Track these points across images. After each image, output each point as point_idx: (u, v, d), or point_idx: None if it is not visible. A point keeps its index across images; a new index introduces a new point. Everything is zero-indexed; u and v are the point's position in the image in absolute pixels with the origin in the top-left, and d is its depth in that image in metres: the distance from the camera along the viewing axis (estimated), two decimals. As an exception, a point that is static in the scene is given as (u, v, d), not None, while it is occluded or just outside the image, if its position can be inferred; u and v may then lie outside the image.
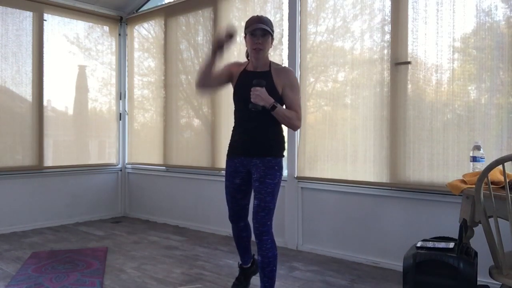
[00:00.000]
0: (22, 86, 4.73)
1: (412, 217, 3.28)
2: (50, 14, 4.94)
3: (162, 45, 5.17)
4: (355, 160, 3.59)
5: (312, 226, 3.86)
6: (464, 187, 2.26)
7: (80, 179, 5.22)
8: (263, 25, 2.49)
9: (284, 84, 2.54)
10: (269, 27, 2.52)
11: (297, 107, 2.55)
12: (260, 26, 2.48)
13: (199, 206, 4.77)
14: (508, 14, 2.89)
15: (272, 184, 2.52)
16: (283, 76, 2.55)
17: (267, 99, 2.43)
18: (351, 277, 3.17)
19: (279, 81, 2.53)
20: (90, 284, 2.99)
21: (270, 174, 2.52)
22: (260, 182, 2.51)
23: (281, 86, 2.53)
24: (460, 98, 3.08)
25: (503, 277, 1.93)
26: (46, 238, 4.36)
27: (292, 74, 2.62)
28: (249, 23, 2.54)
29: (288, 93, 2.54)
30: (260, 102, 2.43)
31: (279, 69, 2.61)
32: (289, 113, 2.51)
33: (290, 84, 2.55)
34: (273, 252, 2.50)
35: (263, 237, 2.47)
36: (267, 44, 2.54)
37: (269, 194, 2.50)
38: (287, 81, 2.54)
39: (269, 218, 2.50)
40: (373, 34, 3.50)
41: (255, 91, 2.42)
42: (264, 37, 2.51)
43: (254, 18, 2.56)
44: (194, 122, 4.95)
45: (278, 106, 2.44)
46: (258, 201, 2.50)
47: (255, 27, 2.48)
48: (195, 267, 3.42)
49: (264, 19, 2.54)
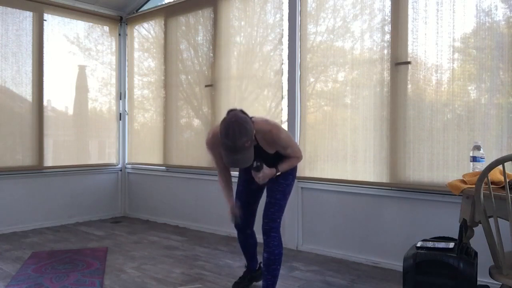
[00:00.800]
0: (22, 86, 4.73)
1: (412, 217, 3.28)
2: (50, 14, 4.94)
3: (162, 45, 5.17)
4: (355, 160, 3.59)
5: (312, 226, 3.86)
6: (464, 187, 2.26)
7: (80, 179, 5.22)
8: (240, 158, 2.26)
9: (276, 148, 2.52)
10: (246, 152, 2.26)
11: (293, 153, 2.57)
12: (237, 160, 2.27)
13: (199, 206, 4.77)
14: (508, 14, 2.89)
15: (284, 184, 2.60)
16: (272, 143, 2.48)
17: (271, 175, 2.51)
18: (351, 277, 3.17)
19: (271, 148, 2.52)
20: (90, 284, 2.99)
21: (283, 175, 2.60)
22: (273, 182, 2.59)
23: (274, 149, 2.53)
24: (460, 98, 3.08)
25: (503, 277, 1.93)
26: (46, 238, 4.36)
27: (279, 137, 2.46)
28: (224, 152, 2.27)
29: (283, 152, 2.54)
30: (266, 180, 2.52)
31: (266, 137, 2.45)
32: (290, 164, 2.57)
33: (283, 146, 2.51)
34: (279, 250, 2.54)
35: (272, 233, 2.53)
36: (249, 153, 2.30)
37: (280, 192, 2.58)
38: (279, 146, 2.50)
39: (278, 215, 2.57)
40: (373, 34, 3.50)
41: (258, 177, 2.48)
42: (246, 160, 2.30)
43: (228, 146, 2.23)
44: (194, 122, 4.95)
45: (280, 170, 2.53)
46: (269, 198, 2.59)
47: (231, 161, 2.29)
48: (195, 267, 3.42)
49: (238, 145, 2.21)
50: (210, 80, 4.66)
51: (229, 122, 2.25)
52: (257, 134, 2.43)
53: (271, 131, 2.46)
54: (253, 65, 4.32)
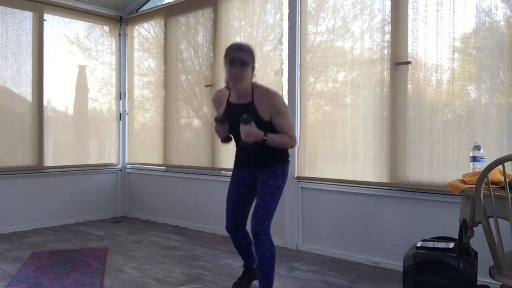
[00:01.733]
0: (22, 86, 4.73)
1: (412, 217, 3.28)
2: (50, 14, 4.94)
3: (162, 45, 5.17)
4: (355, 160, 3.59)
5: (312, 226, 3.86)
6: (464, 187, 2.26)
7: (80, 179, 5.22)
8: (242, 55, 2.40)
9: (270, 112, 2.46)
10: (249, 55, 2.44)
11: (288, 130, 2.50)
12: (239, 55, 2.40)
13: (199, 206, 4.77)
14: (508, 14, 2.89)
15: (274, 186, 2.54)
16: (267, 104, 2.46)
17: (257, 135, 2.41)
18: (351, 277, 3.17)
19: (265, 110, 2.46)
20: (90, 284, 2.99)
21: (273, 177, 2.55)
22: (263, 183, 2.55)
23: (268, 114, 2.47)
24: (460, 98, 3.08)
25: (503, 277, 1.93)
26: (46, 238, 4.36)
27: (276, 100, 2.49)
28: (228, 51, 2.46)
29: (276, 120, 2.47)
30: (250, 139, 2.41)
31: (263, 96, 2.48)
32: (281, 139, 2.48)
33: (277, 111, 2.46)
34: (271, 253, 2.50)
35: (261, 237, 2.48)
36: (246, 74, 2.44)
37: (269, 194, 2.52)
38: (273, 109, 2.46)
39: (267, 218, 2.51)
40: (373, 34, 3.50)
41: (244, 130, 2.39)
42: (243, 66, 2.42)
43: (234, 46, 2.48)
44: (194, 122, 4.96)
45: (268, 137, 2.43)
46: (258, 200, 2.54)
47: (233, 56, 2.41)
48: (195, 267, 3.42)
49: (244, 47, 2.45)
50: (210, 80, 4.66)
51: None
52: (256, 90, 2.50)
53: (268, 90, 2.53)
54: (253, 65, 4.31)
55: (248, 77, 2.47)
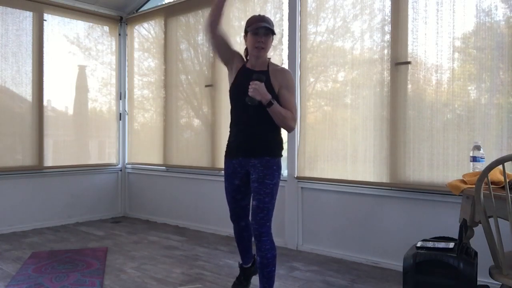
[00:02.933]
0: (22, 86, 4.73)
1: (412, 217, 3.28)
2: (50, 14, 4.94)
3: (162, 45, 5.17)
4: (355, 160, 3.59)
5: (312, 226, 3.86)
6: (464, 187, 2.26)
7: (80, 179, 5.22)
8: (267, 24, 2.49)
9: (280, 84, 2.52)
10: (272, 27, 2.52)
11: (292, 108, 2.52)
12: (264, 24, 2.48)
13: (199, 206, 4.77)
14: (508, 14, 2.89)
15: (271, 185, 2.51)
16: (280, 77, 2.54)
17: (265, 94, 2.40)
18: (351, 277, 3.17)
19: (276, 81, 2.52)
20: (90, 284, 2.99)
21: (269, 175, 2.50)
22: (259, 182, 2.50)
23: (278, 86, 2.52)
24: (460, 98, 3.08)
25: (503, 277, 1.93)
26: (46, 238, 4.36)
27: (289, 75, 2.59)
28: (252, 22, 2.53)
29: (284, 94, 2.52)
30: (257, 96, 2.40)
31: (277, 69, 2.59)
32: (284, 112, 2.47)
33: (287, 85, 2.53)
34: (272, 253, 2.49)
35: (262, 238, 2.47)
36: (269, 44, 2.54)
37: (268, 194, 2.49)
38: (284, 82, 2.53)
39: (268, 219, 2.50)
40: (373, 34, 3.50)
41: (254, 84, 2.40)
42: (266, 36, 2.51)
43: (256, 17, 2.55)
44: (194, 122, 4.96)
45: (274, 103, 2.43)
46: (257, 202, 2.49)
47: (258, 25, 2.48)
48: (195, 267, 3.42)
49: (266, 18, 2.54)
50: (210, 80, 4.66)
51: None
52: (271, 64, 2.60)
53: (283, 68, 2.69)
54: (253, 65, 4.31)
55: (270, 47, 2.58)
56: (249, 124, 2.55)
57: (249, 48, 2.56)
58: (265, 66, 2.58)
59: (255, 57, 2.55)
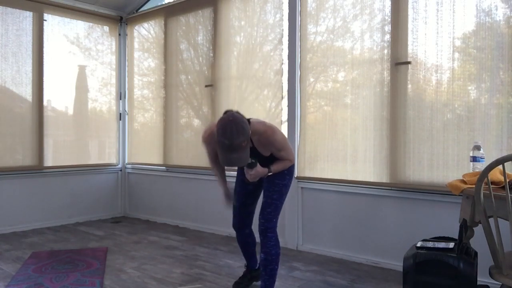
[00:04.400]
0: (22, 86, 4.73)
1: (412, 217, 3.28)
2: (50, 14, 4.94)
3: (162, 45, 5.17)
4: (355, 160, 3.59)
5: (312, 226, 3.86)
6: (464, 187, 2.26)
7: (80, 179, 5.22)
8: (235, 156, 2.22)
9: (271, 150, 2.53)
10: (241, 150, 2.22)
11: (288, 156, 2.57)
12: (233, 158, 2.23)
13: (199, 206, 4.77)
14: (508, 14, 2.89)
15: (280, 184, 2.60)
16: (268, 145, 2.51)
17: (262, 173, 2.48)
18: (351, 277, 3.17)
19: (266, 150, 2.54)
20: (90, 284, 2.99)
21: (279, 175, 2.60)
22: (269, 182, 2.60)
23: (269, 152, 2.54)
24: (460, 98, 3.08)
25: (503, 277, 1.93)
26: (46, 238, 4.36)
27: (275, 140, 2.47)
28: (219, 147, 2.23)
29: (277, 154, 2.55)
30: (257, 179, 2.50)
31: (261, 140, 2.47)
32: (282, 166, 2.56)
33: (276, 148, 2.52)
34: (276, 250, 2.53)
35: (268, 234, 2.52)
36: (246, 154, 2.28)
37: (276, 192, 2.58)
38: (273, 148, 2.52)
39: (275, 215, 2.57)
40: (373, 34, 3.50)
41: (250, 175, 2.45)
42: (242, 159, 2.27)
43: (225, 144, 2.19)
44: (194, 122, 4.95)
45: (272, 170, 2.51)
46: (265, 198, 2.59)
47: (226, 163, 2.27)
48: (195, 267, 3.42)
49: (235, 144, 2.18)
50: (210, 80, 4.66)
51: (227, 121, 2.23)
52: (253, 136, 2.42)
53: (266, 132, 2.46)
54: (253, 65, 4.32)
55: (247, 148, 2.28)
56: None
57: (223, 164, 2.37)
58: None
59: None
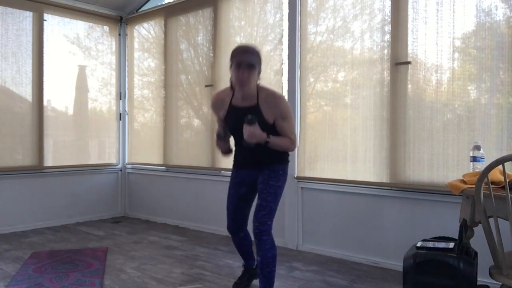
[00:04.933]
0: (22, 86, 4.73)
1: (412, 217, 3.28)
2: (50, 14, 4.94)
3: (162, 45, 5.17)
4: (355, 160, 3.59)
5: (312, 226, 3.86)
6: (464, 187, 2.26)
7: (80, 179, 5.22)
8: (249, 58, 2.40)
9: (275, 115, 2.48)
10: (256, 58, 2.43)
11: (290, 133, 2.52)
12: (246, 58, 2.39)
13: (199, 206, 4.77)
14: (508, 14, 2.89)
15: (275, 186, 2.55)
16: (272, 107, 2.47)
17: (260, 137, 2.40)
18: (351, 277, 3.17)
19: (270, 114, 2.47)
20: (90, 284, 2.99)
21: (274, 177, 2.56)
22: (264, 183, 2.55)
23: (273, 117, 2.48)
24: (460, 98, 3.08)
25: (503, 277, 1.93)
26: (46, 238, 4.36)
27: (281, 102, 2.51)
28: (235, 53, 2.44)
29: (279, 123, 2.50)
30: (253, 140, 2.40)
31: (268, 99, 2.49)
32: (282, 142, 2.50)
33: (281, 115, 2.48)
34: (272, 253, 2.50)
35: (263, 237, 2.47)
36: (252, 77, 2.43)
37: (271, 194, 2.53)
38: (278, 112, 2.48)
39: (269, 217, 2.51)
40: (373, 34, 3.50)
41: (247, 131, 2.37)
42: (250, 70, 2.41)
43: (241, 48, 2.47)
44: (194, 122, 4.96)
45: (271, 140, 2.44)
46: (260, 200, 2.54)
47: (240, 59, 2.40)
48: (195, 267, 3.42)
49: (251, 49, 2.45)
50: (210, 80, 4.66)
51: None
52: (261, 92, 2.50)
53: (274, 93, 2.56)
54: (253, 65, 4.31)
55: (255, 80, 2.47)
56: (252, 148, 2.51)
57: (233, 81, 2.49)
58: (254, 98, 2.50)
59: (239, 91, 2.50)
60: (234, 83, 2.48)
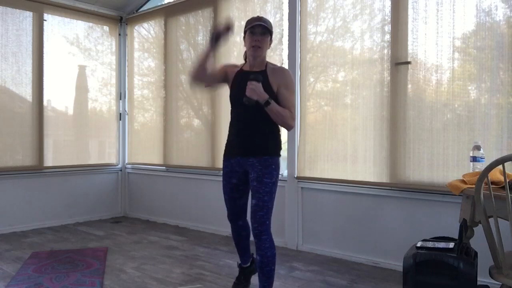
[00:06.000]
0: (22, 86, 4.73)
1: (412, 217, 3.28)
2: (50, 14, 4.94)
3: (162, 45, 5.17)
4: (355, 160, 3.59)
5: (312, 226, 3.86)
6: (464, 187, 2.26)
7: (80, 179, 5.22)
8: (262, 25, 2.51)
9: (279, 83, 2.52)
10: (269, 25, 2.55)
11: (291, 107, 2.52)
12: (260, 23, 2.50)
13: (199, 206, 4.77)
14: (508, 14, 2.89)
15: (270, 184, 2.51)
16: (279, 76, 2.55)
17: (262, 94, 2.40)
18: (351, 277, 3.17)
19: (275, 81, 2.52)
20: (90, 284, 2.99)
21: (268, 173, 2.51)
22: (258, 181, 2.50)
23: (277, 85, 2.52)
24: (460, 98, 3.08)
25: (503, 277, 1.93)
26: (46, 238, 4.36)
27: (288, 74, 2.61)
28: (249, 21, 2.57)
29: (283, 93, 2.52)
30: (254, 96, 2.39)
31: (275, 68, 2.61)
32: (282, 111, 2.46)
33: (285, 84, 2.53)
34: (271, 252, 2.50)
35: (262, 237, 2.48)
36: (265, 43, 2.55)
37: (267, 193, 2.50)
38: (283, 81, 2.53)
39: (267, 217, 2.50)
40: (373, 34, 3.50)
41: (251, 84, 2.40)
42: (263, 35, 2.53)
43: (254, 17, 2.59)
44: (194, 122, 4.96)
45: (272, 103, 2.42)
46: (256, 200, 2.50)
47: (254, 24, 2.51)
48: (195, 267, 3.42)
49: (264, 18, 2.56)
50: (210, 80, 4.65)
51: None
52: (269, 64, 2.61)
53: (282, 67, 2.74)
54: (253, 65, 4.31)
55: (267, 47, 2.58)
56: (248, 124, 2.57)
57: (247, 47, 2.58)
58: (263, 66, 2.59)
59: (252, 56, 2.56)
60: (248, 49, 2.57)
